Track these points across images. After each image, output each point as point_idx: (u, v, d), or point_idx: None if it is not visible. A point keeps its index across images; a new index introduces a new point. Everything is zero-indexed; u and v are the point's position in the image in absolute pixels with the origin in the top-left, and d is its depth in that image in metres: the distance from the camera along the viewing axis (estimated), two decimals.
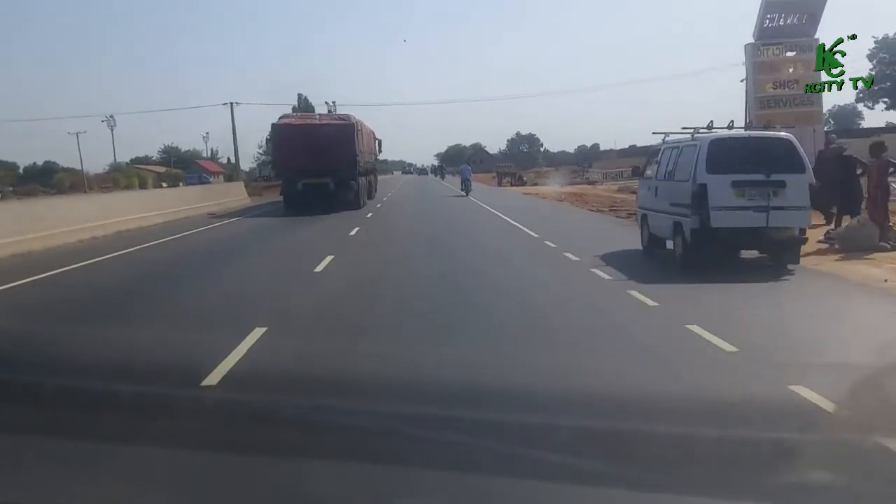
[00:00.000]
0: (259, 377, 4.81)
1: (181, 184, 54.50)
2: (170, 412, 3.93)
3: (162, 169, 75.50)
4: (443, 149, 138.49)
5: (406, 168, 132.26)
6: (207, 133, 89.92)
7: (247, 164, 67.84)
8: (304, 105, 48.93)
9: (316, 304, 7.54)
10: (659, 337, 5.73)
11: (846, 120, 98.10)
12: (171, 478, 3.06)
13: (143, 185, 60.06)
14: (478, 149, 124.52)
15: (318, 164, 21.27)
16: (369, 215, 20.01)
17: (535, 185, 44.07)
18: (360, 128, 23.57)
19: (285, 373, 4.83)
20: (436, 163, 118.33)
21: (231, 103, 45.88)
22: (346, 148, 21.89)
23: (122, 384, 4.25)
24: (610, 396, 4.11)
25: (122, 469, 3.16)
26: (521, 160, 75.90)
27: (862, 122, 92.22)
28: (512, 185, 44.20)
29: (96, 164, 79.36)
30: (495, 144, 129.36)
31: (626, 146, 73.30)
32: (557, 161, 78.58)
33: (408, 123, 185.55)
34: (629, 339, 5.78)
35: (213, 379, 4.59)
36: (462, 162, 60.77)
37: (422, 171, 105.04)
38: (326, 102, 50.69)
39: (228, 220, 20.48)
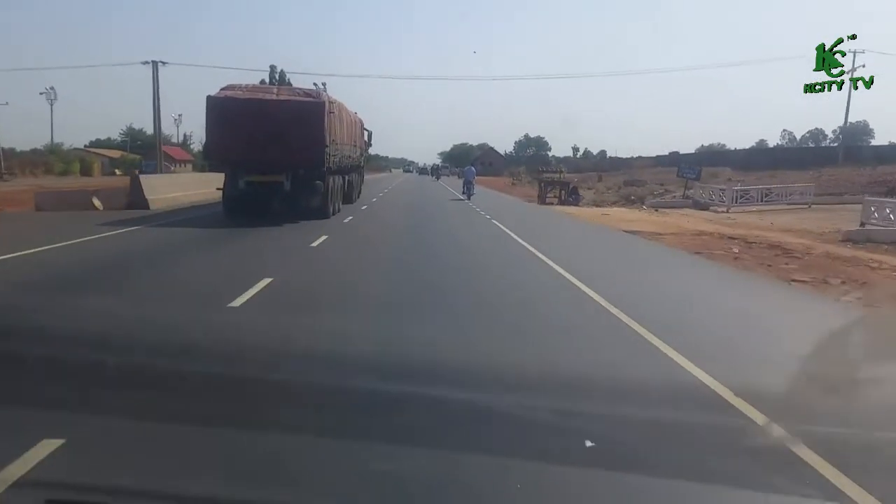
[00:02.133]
0: None
1: (117, 171, 49.73)
2: None
3: (118, 154, 70.89)
4: (448, 147, 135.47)
5: (407, 166, 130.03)
6: (180, 115, 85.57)
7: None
8: (278, 82, 43.00)
9: None
10: None
11: (856, 137, 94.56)
12: None
13: (86, 172, 55.56)
14: (486, 149, 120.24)
15: (268, 154, 16.55)
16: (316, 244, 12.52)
17: (597, 205, 30.71)
18: (334, 109, 18.55)
19: None
20: (439, 162, 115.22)
21: (154, 62, 36.33)
22: (312, 134, 16.94)
23: None
24: None
25: None
26: (532, 164, 71.15)
27: (872, 139, 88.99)
28: (561, 204, 30.37)
29: (38, 144, 74.24)
30: (501, 146, 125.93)
31: (666, 153, 68.12)
32: (581, 166, 73.44)
33: (413, 120, 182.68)
34: None
35: None
36: (468, 162, 57.38)
37: (423, 171, 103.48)
38: (315, 84, 45.69)
39: None
